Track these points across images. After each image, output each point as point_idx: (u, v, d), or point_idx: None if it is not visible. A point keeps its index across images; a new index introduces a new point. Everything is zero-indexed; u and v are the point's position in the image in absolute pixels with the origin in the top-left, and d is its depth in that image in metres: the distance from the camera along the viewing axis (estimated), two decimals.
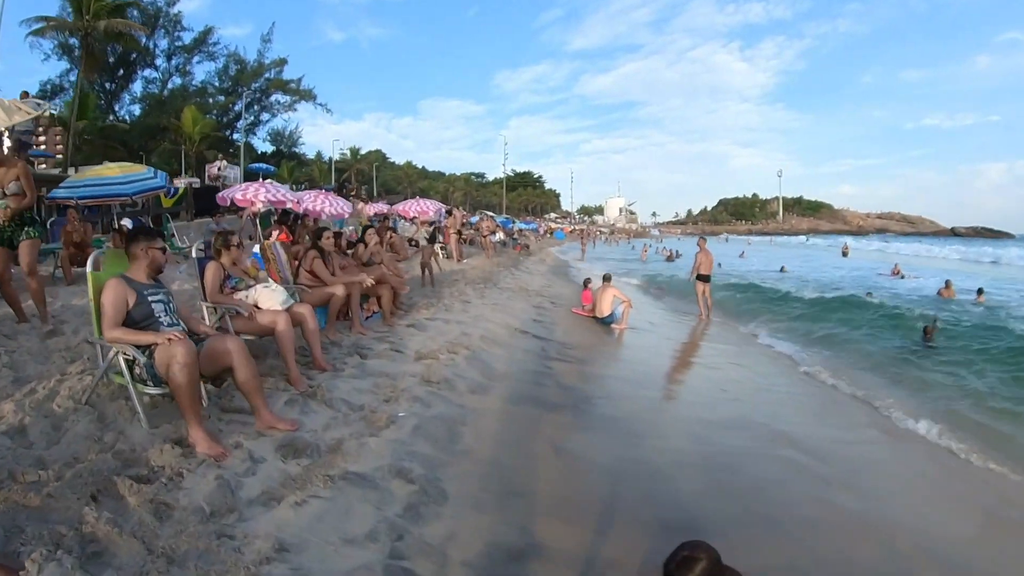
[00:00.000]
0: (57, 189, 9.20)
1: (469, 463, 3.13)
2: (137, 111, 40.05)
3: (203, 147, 31.92)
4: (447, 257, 14.71)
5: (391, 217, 18.92)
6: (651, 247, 36.09)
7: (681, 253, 29.03)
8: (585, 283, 10.47)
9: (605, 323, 9.00)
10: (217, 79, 43.62)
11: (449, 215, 16.88)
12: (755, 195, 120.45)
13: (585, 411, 4.36)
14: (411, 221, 19.68)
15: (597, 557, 2.54)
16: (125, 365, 3.02)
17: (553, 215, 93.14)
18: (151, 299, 3.18)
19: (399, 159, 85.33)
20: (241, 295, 4.14)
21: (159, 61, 40.56)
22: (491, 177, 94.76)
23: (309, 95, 46.02)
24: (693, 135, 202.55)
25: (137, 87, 40.54)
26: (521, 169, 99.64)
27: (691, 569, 1.44)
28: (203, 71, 67.03)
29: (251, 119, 45.98)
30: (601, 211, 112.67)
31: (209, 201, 12.66)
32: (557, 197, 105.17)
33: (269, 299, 4.03)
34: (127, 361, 3.01)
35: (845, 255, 37.50)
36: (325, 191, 12.36)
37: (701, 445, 4.12)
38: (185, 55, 41.67)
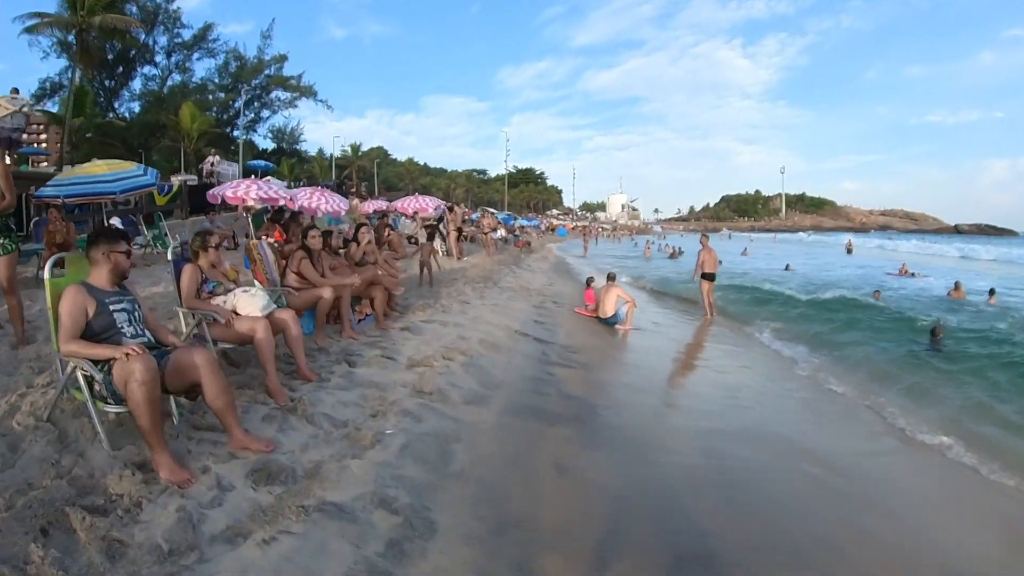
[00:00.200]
0: (44, 188, 8.90)
1: (462, 487, 2.84)
2: (137, 108, 39.87)
3: (202, 144, 31.60)
4: (447, 255, 14.40)
5: (390, 215, 18.65)
6: (654, 244, 35.73)
7: (683, 250, 28.62)
8: (588, 282, 10.18)
9: (608, 324, 8.70)
10: (217, 76, 43.33)
11: (450, 211, 16.55)
12: (758, 192, 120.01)
13: (589, 423, 4.07)
14: (411, 218, 19.39)
15: None
16: (84, 381, 2.75)
17: (555, 212, 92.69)
18: (113, 308, 2.91)
19: (401, 156, 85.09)
20: (219, 300, 3.85)
21: (159, 58, 40.19)
22: (493, 174, 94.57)
23: (309, 91, 45.58)
24: (696, 131, 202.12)
25: (137, 84, 40.34)
26: (523, 166, 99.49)
27: None
28: (203, 68, 66.83)
29: (251, 116, 45.66)
30: (603, 208, 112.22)
31: (205, 199, 12.36)
32: (559, 194, 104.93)
33: (248, 304, 3.74)
34: (85, 377, 2.74)
35: (850, 252, 37.13)
36: (321, 188, 12.04)
37: (714, 460, 3.83)
38: (185, 52, 41.27)
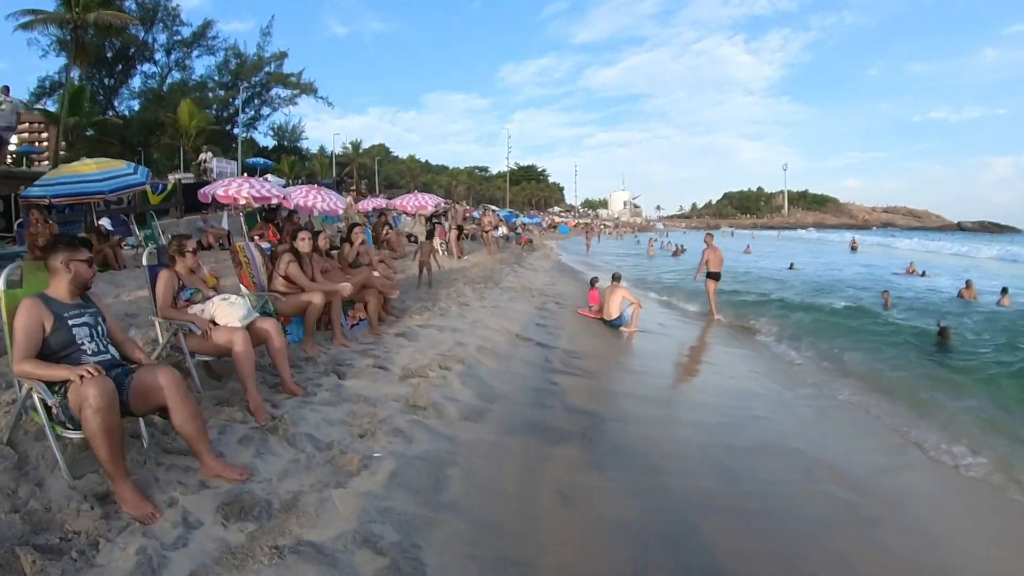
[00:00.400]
0: (31, 188, 8.62)
1: (455, 521, 2.56)
2: (137, 107, 39.59)
3: (200, 142, 31.31)
4: (447, 255, 14.11)
5: (390, 213, 18.36)
6: (657, 241, 35.38)
7: (686, 248, 28.27)
8: (592, 282, 9.89)
9: (613, 326, 8.42)
10: (217, 73, 43.06)
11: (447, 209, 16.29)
12: (760, 189, 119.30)
13: (595, 440, 3.79)
14: (412, 216, 19.09)
15: None
16: (40, 404, 2.49)
17: (557, 209, 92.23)
18: (73, 323, 2.63)
19: (403, 153, 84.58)
20: (197, 308, 3.58)
21: (158, 56, 40.00)
22: (495, 171, 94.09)
23: (310, 88, 45.30)
24: (698, 128, 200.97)
25: (136, 82, 40.09)
26: (525, 162, 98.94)
27: None
28: (203, 65, 66.57)
29: (251, 113, 45.40)
30: (605, 205, 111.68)
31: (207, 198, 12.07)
32: (561, 191, 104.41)
33: (226, 314, 3.47)
34: (41, 400, 2.47)
35: (854, 250, 36.76)
36: (317, 185, 11.77)
37: (732, 482, 3.56)
38: (184, 49, 41.07)
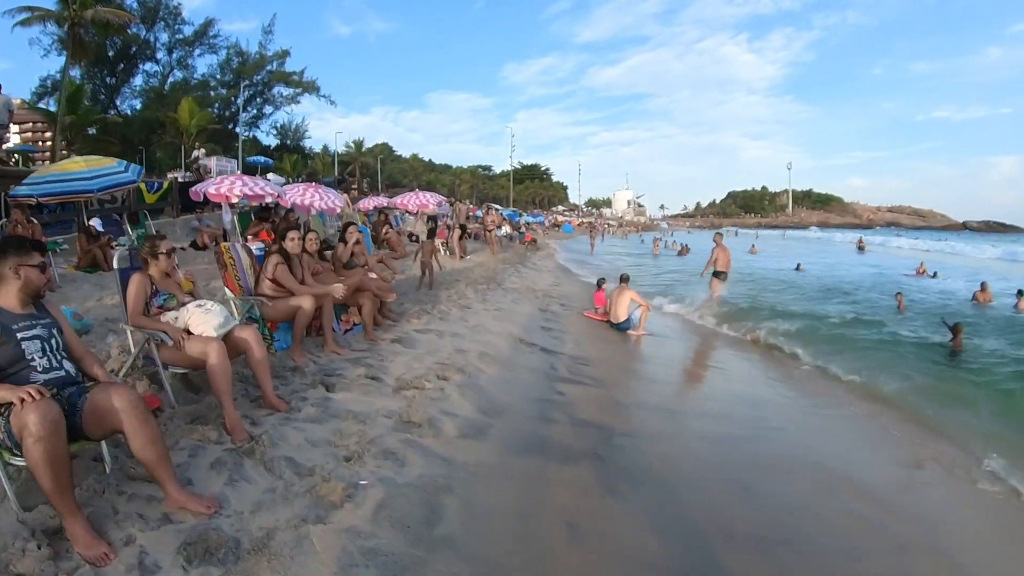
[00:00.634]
0: (19, 187, 8.36)
1: (450, 562, 2.25)
2: (138, 105, 39.40)
3: (201, 140, 31.07)
4: (449, 255, 13.78)
5: (391, 212, 18.04)
6: (662, 241, 34.98)
7: (690, 248, 27.90)
8: (599, 283, 9.57)
9: (620, 329, 8.10)
10: (219, 72, 42.85)
11: (451, 205, 15.98)
12: (764, 188, 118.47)
13: (606, 459, 3.47)
14: (414, 215, 18.76)
15: None
16: None
17: (561, 208, 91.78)
18: (23, 336, 2.33)
19: (406, 152, 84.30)
20: (170, 316, 3.28)
21: (160, 54, 39.81)
22: (498, 170, 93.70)
23: (312, 87, 45.01)
24: (701, 127, 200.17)
25: (138, 81, 39.91)
26: (528, 162, 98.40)
27: None
28: (205, 64, 66.46)
29: (253, 112, 45.20)
30: (609, 204, 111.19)
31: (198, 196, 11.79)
32: (565, 190, 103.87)
33: (201, 322, 3.17)
34: None
35: (861, 250, 36.28)
36: (315, 184, 11.47)
37: (754, 504, 3.24)
38: (186, 48, 40.86)
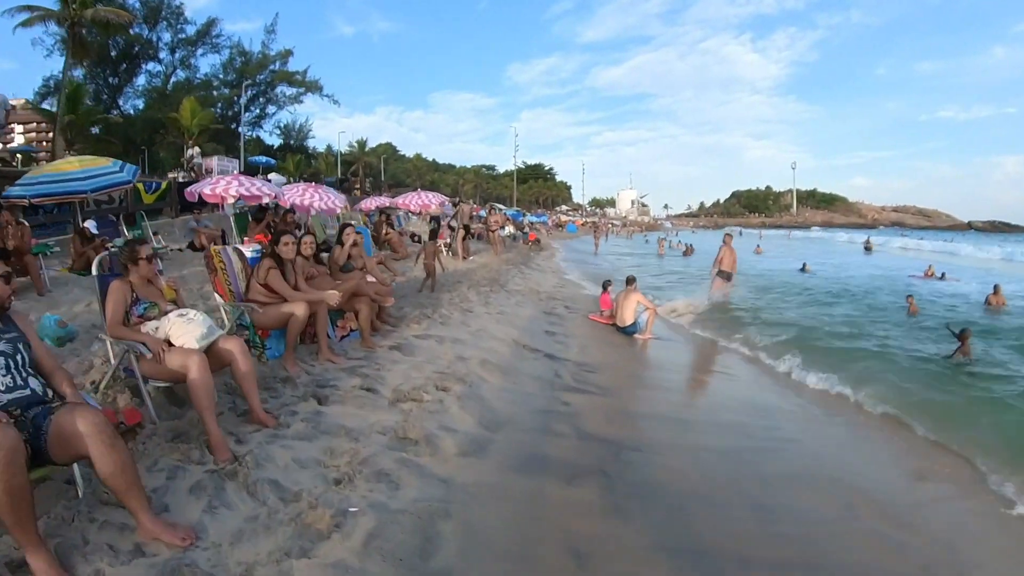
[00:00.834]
0: (12, 187, 8.19)
1: None
2: (141, 105, 39.32)
3: (203, 140, 30.91)
4: (452, 255, 13.55)
5: (394, 212, 17.84)
6: (667, 241, 34.66)
7: (695, 248, 27.62)
8: (605, 285, 9.33)
9: (627, 333, 7.87)
10: (222, 71, 42.74)
11: (455, 206, 15.77)
12: (768, 187, 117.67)
13: (613, 477, 3.25)
14: (418, 215, 18.54)
15: None
16: None
17: (564, 207, 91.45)
18: None
19: (410, 152, 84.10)
20: (151, 326, 3.07)
21: (162, 54, 39.73)
22: (502, 169, 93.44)
23: (315, 86, 44.81)
24: (705, 127, 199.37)
25: (141, 81, 39.85)
26: (532, 161, 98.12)
27: None
28: (207, 64, 66.44)
29: (256, 112, 45.11)
30: (613, 203, 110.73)
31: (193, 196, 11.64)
32: (568, 190, 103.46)
33: (182, 333, 2.96)
34: None
35: (868, 250, 35.77)
36: (315, 184, 11.29)
37: (769, 522, 3.04)
38: (189, 48, 40.75)
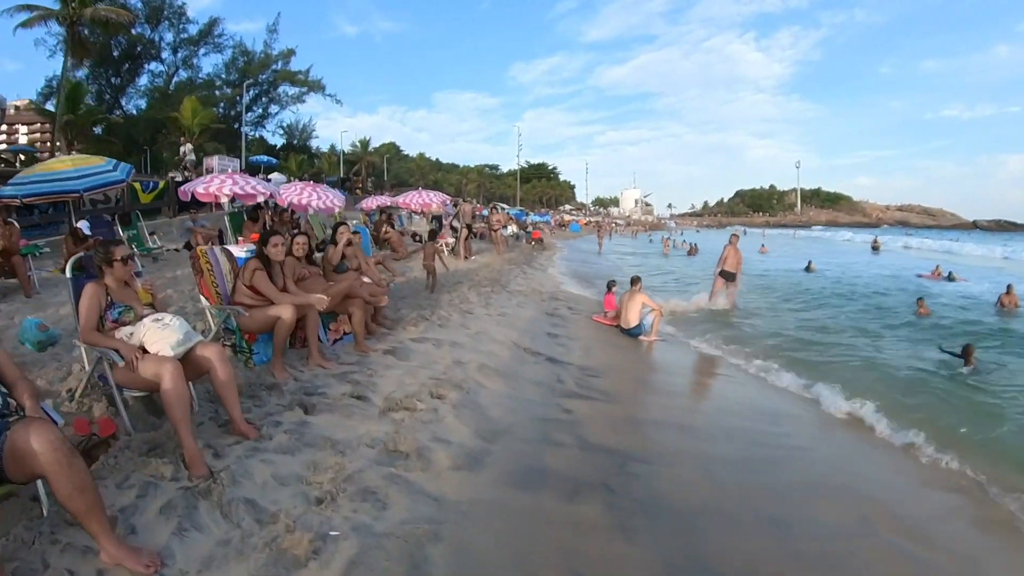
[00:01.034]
0: (3, 187, 8.08)
1: None
2: (144, 105, 39.28)
3: (204, 139, 30.81)
4: (454, 255, 13.35)
5: (396, 212, 17.66)
6: (671, 240, 34.38)
7: (699, 247, 27.35)
8: (609, 286, 9.12)
9: (631, 335, 7.66)
10: (224, 71, 42.69)
11: (456, 206, 15.59)
12: (772, 187, 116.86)
13: (618, 492, 3.04)
14: (420, 215, 18.37)
15: None
16: None
17: (568, 207, 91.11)
18: None
19: (413, 152, 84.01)
20: (125, 332, 2.89)
21: (165, 54, 39.69)
22: (505, 169, 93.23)
23: (317, 86, 44.73)
24: (709, 126, 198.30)
25: (144, 81, 39.81)
26: (536, 161, 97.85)
27: None
28: (210, 64, 66.52)
29: (259, 111, 45.07)
30: (616, 203, 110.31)
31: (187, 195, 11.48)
32: (572, 189, 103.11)
33: (157, 339, 2.78)
34: None
35: (876, 250, 35.31)
36: (313, 183, 11.12)
37: (783, 538, 2.87)
38: (191, 48, 40.70)
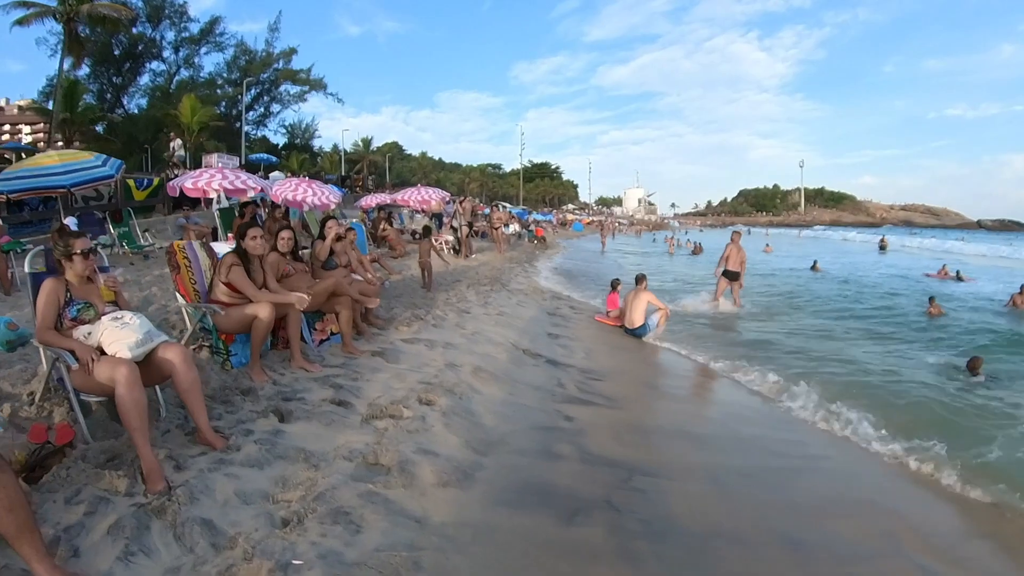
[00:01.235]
0: None
1: None
2: (145, 104, 39.15)
3: (203, 137, 30.62)
4: (455, 254, 13.09)
5: (395, 210, 17.41)
6: (675, 239, 34.06)
7: (703, 247, 27.08)
8: (613, 284, 8.86)
9: (636, 335, 7.40)
10: (225, 70, 42.56)
11: (455, 204, 15.34)
12: (776, 186, 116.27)
13: (623, 512, 2.77)
14: (421, 213, 18.10)
15: None
16: None
17: (571, 206, 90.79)
18: None
19: (416, 152, 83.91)
20: (83, 331, 2.65)
21: (166, 53, 39.57)
22: (508, 168, 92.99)
23: (319, 84, 44.58)
24: (712, 126, 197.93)
25: (145, 80, 39.69)
26: (539, 160, 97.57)
27: None
28: (211, 63, 66.54)
29: (261, 110, 44.95)
30: (620, 202, 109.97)
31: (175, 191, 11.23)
32: (575, 188, 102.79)
33: (115, 339, 2.53)
34: None
35: (883, 249, 34.88)
36: (309, 179, 10.90)
37: (806, 562, 2.64)
38: (192, 47, 40.57)
